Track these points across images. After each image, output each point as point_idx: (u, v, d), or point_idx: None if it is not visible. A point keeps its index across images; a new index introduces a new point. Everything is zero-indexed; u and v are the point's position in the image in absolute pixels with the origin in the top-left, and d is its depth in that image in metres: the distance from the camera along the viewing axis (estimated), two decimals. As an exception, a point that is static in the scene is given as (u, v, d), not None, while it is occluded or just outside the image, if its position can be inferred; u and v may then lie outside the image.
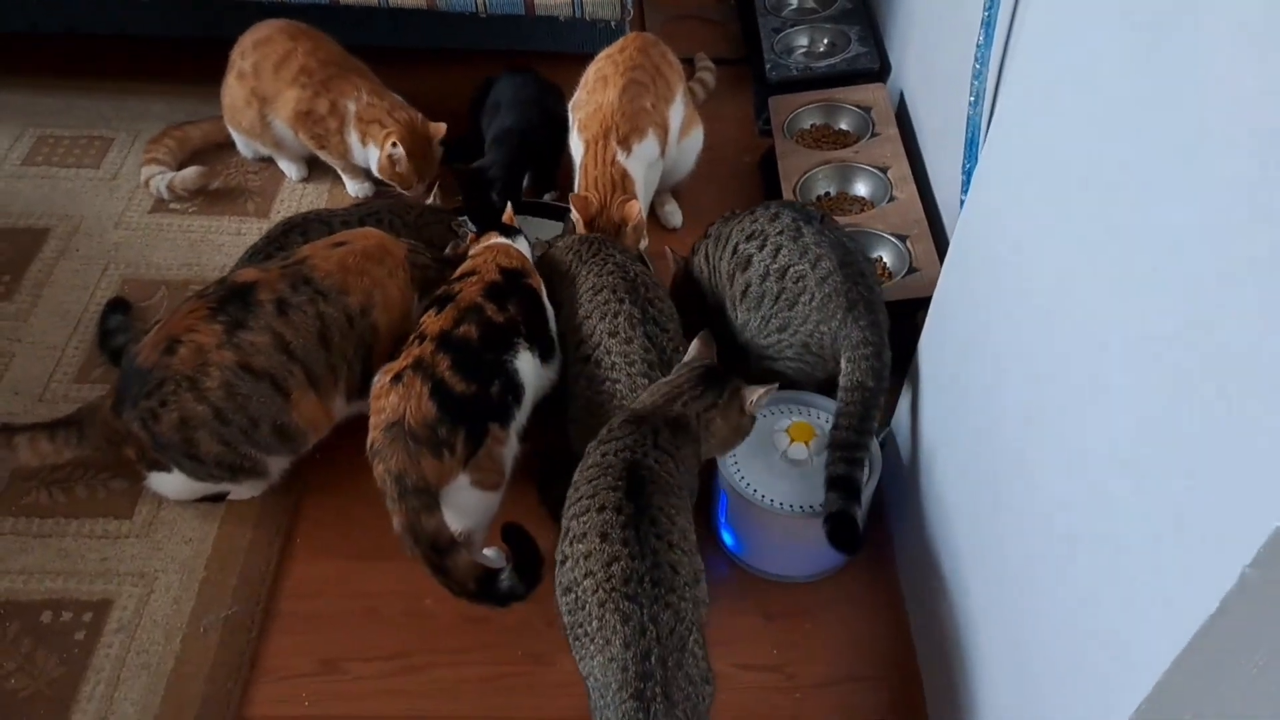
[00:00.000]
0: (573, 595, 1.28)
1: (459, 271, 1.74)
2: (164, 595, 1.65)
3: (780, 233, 1.68)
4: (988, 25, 1.72)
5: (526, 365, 1.65)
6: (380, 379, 1.56)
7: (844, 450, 1.55)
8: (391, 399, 1.52)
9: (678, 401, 1.47)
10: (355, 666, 1.60)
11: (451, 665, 1.60)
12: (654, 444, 1.40)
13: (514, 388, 1.62)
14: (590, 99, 2.09)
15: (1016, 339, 1.27)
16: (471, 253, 1.79)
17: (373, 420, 1.54)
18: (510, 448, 1.61)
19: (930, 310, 1.62)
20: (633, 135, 2.02)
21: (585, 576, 1.26)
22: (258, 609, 1.65)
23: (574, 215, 2.00)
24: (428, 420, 1.50)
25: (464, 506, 1.56)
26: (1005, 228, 1.33)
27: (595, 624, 1.23)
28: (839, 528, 1.51)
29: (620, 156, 2.01)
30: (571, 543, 1.31)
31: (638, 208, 1.97)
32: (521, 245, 1.83)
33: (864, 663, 1.63)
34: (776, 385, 1.52)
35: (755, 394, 1.49)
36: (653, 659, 1.19)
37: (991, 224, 1.38)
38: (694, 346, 1.57)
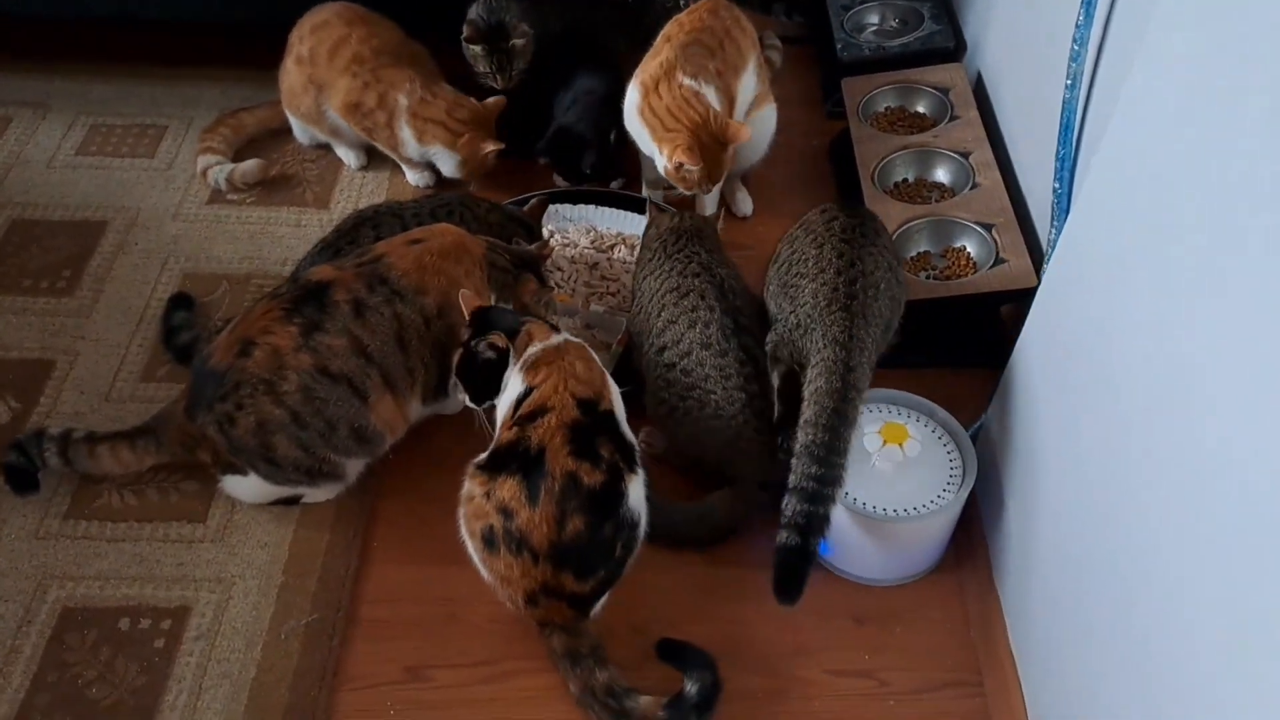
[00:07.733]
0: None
1: (525, 409, 1.48)
2: (243, 601, 1.62)
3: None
4: (1088, 4, 1.64)
5: (637, 492, 1.50)
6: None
7: None
8: (554, 644, 1.50)
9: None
10: (440, 674, 1.57)
11: (539, 672, 1.55)
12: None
13: (634, 524, 1.50)
14: (650, 63, 1.96)
15: (1142, 337, 1.21)
16: (530, 370, 1.52)
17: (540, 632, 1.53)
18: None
19: (1038, 300, 1.56)
20: (700, 75, 1.88)
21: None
22: (338, 615, 1.61)
23: (676, 162, 1.86)
24: (578, 629, 1.51)
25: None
26: (1133, 220, 1.26)
27: (812, 264, 1.61)
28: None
29: (687, 81, 1.86)
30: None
31: (746, 128, 1.87)
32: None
33: (959, 669, 1.59)
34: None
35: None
36: (857, 285, 1.56)
37: (1116, 216, 1.31)
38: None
